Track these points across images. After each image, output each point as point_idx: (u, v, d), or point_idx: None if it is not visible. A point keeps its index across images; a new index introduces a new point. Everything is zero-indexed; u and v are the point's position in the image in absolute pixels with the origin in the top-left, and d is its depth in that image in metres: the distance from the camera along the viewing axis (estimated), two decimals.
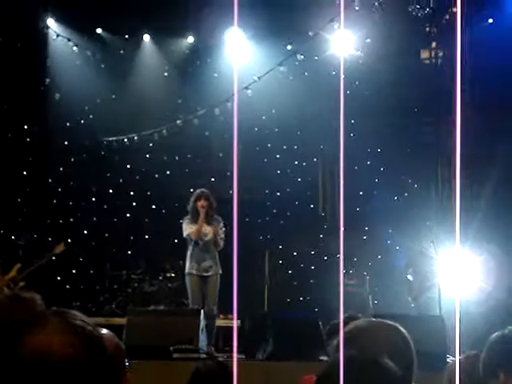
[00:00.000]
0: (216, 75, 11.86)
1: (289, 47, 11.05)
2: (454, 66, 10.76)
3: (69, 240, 10.50)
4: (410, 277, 9.31)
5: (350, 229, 11.84)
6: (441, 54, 11.62)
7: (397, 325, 2.29)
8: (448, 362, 5.84)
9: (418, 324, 6.52)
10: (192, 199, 8.39)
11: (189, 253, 8.40)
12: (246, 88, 10.27)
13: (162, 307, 9.45)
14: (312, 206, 12.50)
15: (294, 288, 11.53)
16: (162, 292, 10.10)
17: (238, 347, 9.38)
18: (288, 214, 12.16)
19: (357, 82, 11.91)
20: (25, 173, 11.72)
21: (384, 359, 2.20)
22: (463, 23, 9.27)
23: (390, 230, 11.40)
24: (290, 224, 12.04)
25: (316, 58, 11.85)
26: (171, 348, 6.40)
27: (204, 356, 6.54)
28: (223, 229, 8.50)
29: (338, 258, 12.37)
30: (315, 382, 2.03)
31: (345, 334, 2.43)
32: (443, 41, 11.44)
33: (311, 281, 11.53)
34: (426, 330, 6.34)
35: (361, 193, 11.85)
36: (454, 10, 10.26)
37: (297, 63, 11.21)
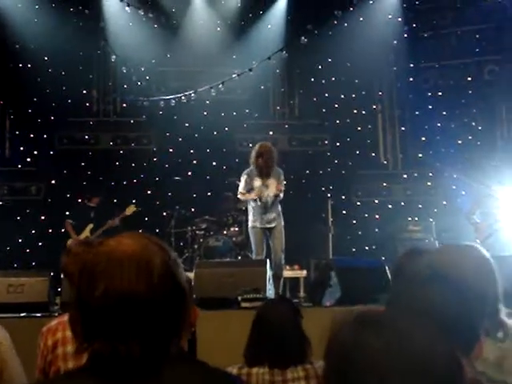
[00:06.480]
0: (270, 26, 11.72)
1: None
2: None
3: (133, 200, 10.65)
4: (477, 219, 9.09)
5: (413, 175, 11.68)
6: None
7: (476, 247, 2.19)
8: None
9: None
10: (253, 154, 8.42)
11: (250, 207, 8.44)
12: (300, 36, 10.08)
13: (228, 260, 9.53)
14: (373, 154, 12.31)
15: (359, 237, 11.43)
16: (227, 246, 10.18)
17: (305, 296, 9.43)
18: (350, 163, 12.02)
19: (414, 25, 11.57)
20: (86, 137, 11.90)
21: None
22: None
23: (455, 175, 11.11)
24: (351, 173, 11.90)
25: (371, 2, 11.55)
26: (239, 298, 6.45)
27: None
28: (284, 182, 8.50)
29: (403, 205, 12.22)
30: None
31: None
32: None
33: (376, 230, 11.39)
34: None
35: (423, 138, 11.58)
36: None
37: (351, 9, 10.94)
